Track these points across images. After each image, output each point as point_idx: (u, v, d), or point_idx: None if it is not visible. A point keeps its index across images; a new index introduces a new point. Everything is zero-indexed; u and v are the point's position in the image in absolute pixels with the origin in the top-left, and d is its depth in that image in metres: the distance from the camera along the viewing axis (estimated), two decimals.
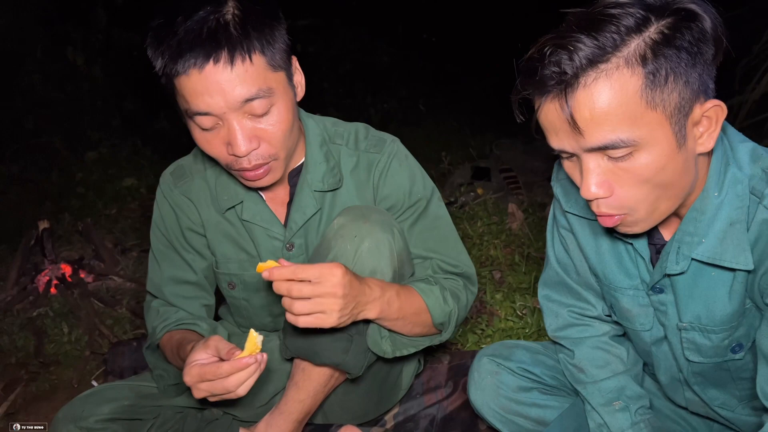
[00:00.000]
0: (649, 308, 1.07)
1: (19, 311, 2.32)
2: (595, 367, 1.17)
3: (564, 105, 0.82)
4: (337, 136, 1.31)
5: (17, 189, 3.77)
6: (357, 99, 5.06)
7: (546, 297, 1.26)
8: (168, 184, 1.34)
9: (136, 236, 2.93)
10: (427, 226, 1.32)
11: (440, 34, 5.91)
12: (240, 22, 1.04)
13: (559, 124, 0.85)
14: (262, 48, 1.05)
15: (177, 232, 1.34)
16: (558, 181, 1.15)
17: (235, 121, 1.07)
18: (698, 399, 1.12)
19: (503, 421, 1.24)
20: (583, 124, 0.82)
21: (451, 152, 3.57)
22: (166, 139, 4.19)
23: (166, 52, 1.04)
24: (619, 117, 0.81)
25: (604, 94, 0.81)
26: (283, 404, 1.32)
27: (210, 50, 1.02)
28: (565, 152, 0.89)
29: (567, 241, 1.18)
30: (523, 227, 2.55)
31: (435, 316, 1.25)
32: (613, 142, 0.83)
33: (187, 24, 1.03)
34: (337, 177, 1.28)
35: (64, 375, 1.96)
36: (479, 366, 1.27)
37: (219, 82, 1.03)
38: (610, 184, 0.88)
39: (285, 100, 1.11)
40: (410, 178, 1.31)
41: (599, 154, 0.86)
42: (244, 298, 1.38)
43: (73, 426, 1.18)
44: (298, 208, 1.28)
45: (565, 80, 0.81)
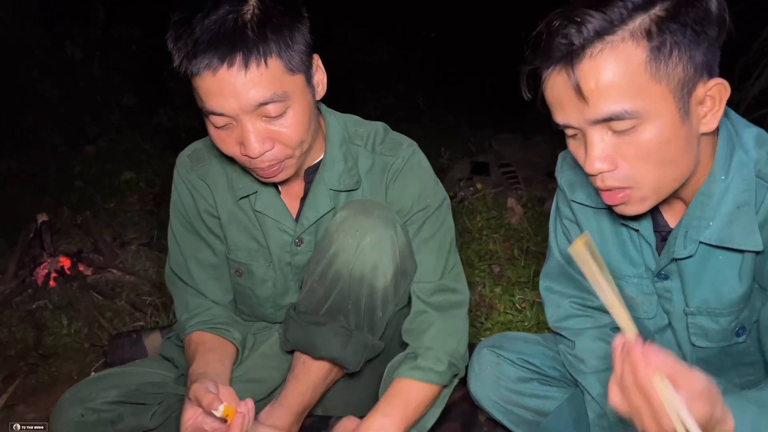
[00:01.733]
0: (653, 296, 1.08)
1: (18, 304, 2.32)
2: (596, 358, 1.18)
3: (570, 74, 0.84)
4: (356, 136, 1.30)
5: (16, 183, 3.77)
6: (356, 95, 5.06)
7: (547, 288, 1.26)
8: (185, 166, 1.33)
9: (135, 230, 2.92)
10: (431, 233, 1.31)
11: (439, 30, 5.92)
12: (258, 23, 1.02)
13: (565, 97, 0.87)
14: (279, 51, 1.03)
15: (195, 214, 1.34)
16: (562, 172, 1.15)
17: (248, 123, 1.06)
18: None
19: (503, 411, 1.25)
20: (589, 94, 0.84)
21: (450, 147, 3.58)
22: (165, 134, 4.19)
23: (183, 50, 1.03)
24: (624, 88, 0.83)
25: (610, 65, 0.83)
26: (284, 396, 1.32)
27: (225, 53, 1.00)
28: (570, 127, 0.90)
29: (570, 231, 1.18)
30: (522, 222, 2.56)
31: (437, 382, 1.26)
32: (618, 113, 0.84)
33: (205, 23, 1.01)
34: (354, 178, 1.27)
35: (63, 367, 1.96)
36: (479, 357, 1.28)
37: (233, 85, 1.02)
38: (614, 158, 0.89)
39: (301, 103, 1.10)
40: (422, 183, 1.29)
41: (603, 127, 0.87)
42: (249, 287, 1.38)
43: (79, 406, 1.19)
44: (312, 205, 1.27)
45: (573, 51, 0.83)
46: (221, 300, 1.38)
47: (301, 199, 1.30)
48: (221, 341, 1.31)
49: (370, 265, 1.16)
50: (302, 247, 1.31)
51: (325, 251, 1.19)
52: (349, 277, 1.18)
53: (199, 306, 1.36)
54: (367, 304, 1.21)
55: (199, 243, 1.36)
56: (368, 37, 5.85)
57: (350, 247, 1.16)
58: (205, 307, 1.36)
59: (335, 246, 1.17)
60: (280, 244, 1.31)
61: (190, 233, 1.36)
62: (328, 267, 1.19)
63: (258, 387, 1.39)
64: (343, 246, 1.16)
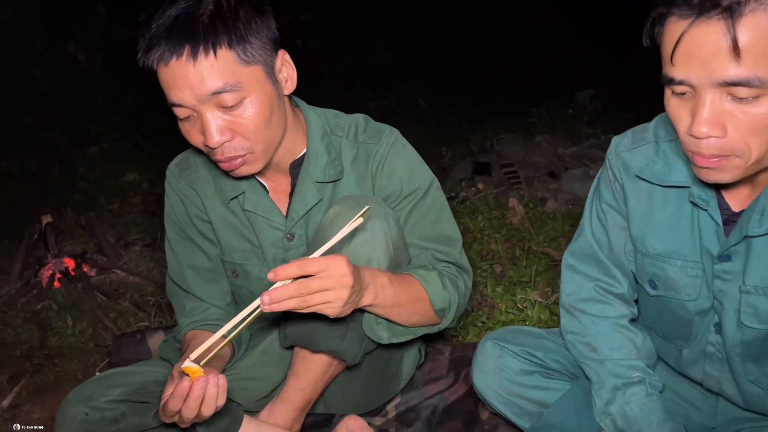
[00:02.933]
0: (698, 279, 1.09)
1: (23, 304, 2.34)
2: (610, 348, 1.19)
3: (730, 28, 0.81)
4: (338, 128, 1.33)
5: (19, 184, 3.78)
6: (357, 94, 5.07)
7: (571, 267, 1.26)
8: (174, 175, 1.37)
9: (138, 230, 2.94)
10: (424, 216, 1.34)
11: (440, 30, 5.92)
12: (210, 16, 1.06)
13: (699, 51, 0.83)
14: (230, 42, 1.06)
15: (187, 221, 1.37)
16: (617, 155, 1.15)
17: (207, 113, 1.09)
18: (717, 374, 1.13)
19: (505, 403, 1.26)
20: (747, 50, 0.81)
21: (452, 147, 3.59)
22: (167, 134, 4.18)
23: (142, 45, 1.08)
24: (764, 54, 0.81)
25: (760, 27, 0.80)
26: (285, 393, 1.34)
27: (173, 45, 1.04)
28: (685, 84, 0.87)
29: (607, 216, 1.19)
30: (524, 222, 2.57)
31: (435, 301, 1.26)
32: (749, 78, 0.82)
33: (161, 18, 1.06)
34: (338, 168, 1.30)
35: (68, 367, 1.98)
36: (483, 349, 1.29)
37: (185, 75, 1.06)
38: (724, 125, 0.87)
39: (260, 94, 1.12)
40: (408, 167, 1.32)
41: (724, 90, 0.85)
42: (246, 287, 1.39)
43: (83, 406, 1.20)
44: (300, 198, 1.30)
45: (735, 3, 0.80)
46: (219, 303, 1.41)
47: (289, 194, 1.32)
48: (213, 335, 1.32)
49: (364, 258, 1.18)
50: (294, 241, 1.33)
51: (319, 245, 1.20)
52: None
53: (195, 309, 1.39)
54: None
55: (194, 249, 1.39)
56: (369, 36, 5.85)
57: (344, 241, 1.17)
58: (201, 309, 1.38)
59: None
60: (273, 241, 1.33)
61: (184, 240, 1.39)
62: None
63: (259, 384, 1.41)
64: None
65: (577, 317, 1.24)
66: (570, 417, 1.20)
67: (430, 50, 5.78)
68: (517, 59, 5.31)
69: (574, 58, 4.93)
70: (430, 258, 1.33)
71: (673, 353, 1.21)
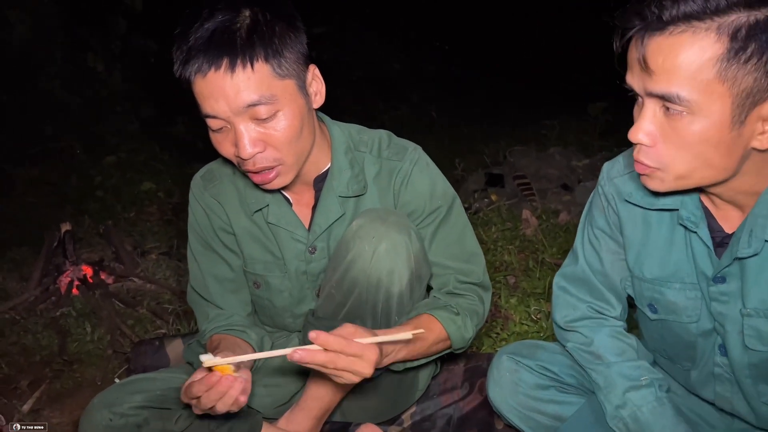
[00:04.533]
0: (697, 300, 1.09)
1: (42, 311, 2.38)
2: (613, 354, 1.20)
3: (639, 45, 0.86)
4: (361, 143, 1.35)
5: (37, 192, 3.84)
6: (369, 106, 5.11)
7: (563, 289, 1.28)
8: (199, 187, 1.39)
9: (154, 239, 2.98)
10: (448, 234, 1.36)
11: (452, 41, 5.96)
12: (247, 30, 1.08)
13: (635, 62, 0.90)
14: (266, 56, 1.09)
15: (211, 232, 1.40)
16: (609, 180, 1.16)
17: (241, 124, 1.12)
18: (728, 395, 1.13)
19: (521, 417, 1.27)
20: (654, 68, 0.86)
21: (465, 159, 3.61)
22: (183, 144, 4.26)
23: (179, 57, 1.10)
24: (686, 76, 0.85)
25: (684, 48, 0.84)
26: (303, 401, 1.36)
27: (212, 57, 1.07)
28: (633, 91, 0.93)
29: (600, 242, 1.20)
30: (537, 233, 2.58)
31: (455, 342, 1.32)
32: (672, 95, 0.86)
33: (199, 31, 1.08)
34: (361, 183, 1.32)
35: (87, 373, 2.00)
36: (499, 363, 1.30)
37: (222, 87, 1.08)
38: (656, 136, 0.91)
39: (292, 108, 1.14)
40: (431, 185, 1.34)
41: (658, 102, 0.89)
42: (268, 298, 1.42)
43: (107, 411, 1.22)
44: (322, 212, 1.32)
45: (656, 22, 0.85)
46: (240, 312, 1.44)
47: (312, 207, 1.35)
48: (239, 340, 1.35)
49: (386, 270, 1.20)
50: (316, 254, 1.35)
51: (341, 258, 1.23)
52: (366, 283, 1.21)
53: (218, 315, 1.41)
54: (383, 308, 1.24)
55: (216, 260, 1.41)
56: (381, 48, 5.90)
57: (367, 254, 1.20)
58: (224, 316, 1.41)
59: (352, 253, 1.21)
60: (295, 253, 1.35)
61: (207, 251, 1.42)
62: (345, 273, 1.23)
63: (278, 391, 1.44)
64: (360, 252, 1.20)
65: (574, 333, 1.26)
66: (585, 431, 1.21)
67: (442, 62, 5.82)
68: (529, 71, 5.33)
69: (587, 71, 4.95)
70: (454, 281, 1.35)
71: (681, 375, 1.22)
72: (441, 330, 1.30)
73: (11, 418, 1.80)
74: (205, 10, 1.10)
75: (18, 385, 1.96)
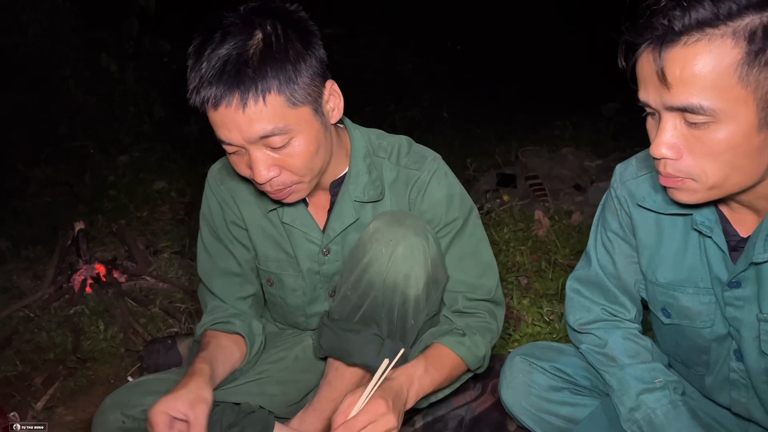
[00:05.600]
0: (711, 305, 1.08)
1: (56, 309, 2.39)
2: (627, 356, 1.19)
3: (657, 58, 0.84)
4: (380, 149, 1.34)
5: (52, 191, 3.88)
6: (380, 107, 5.11)
7: (577, 291, 1.27)
8: (215, 179, 1.39)
9: (167, 238, 2.99)
10: (462, 248, 1.35)
11: (464, 41, 5.94)
12: (260, 59, 1.05)
13: (650, 77, 0.87)
14: (279, 87, 1.06)
15: (223, 224, 1.39)
16: (622, 183, 1.15)
17: (255, 151, 1.11)
18: (744, 400, 1.12)
19: (534, 419, 1.26)
20: (672, 81, 0.84)
21: (476, 159, 3.60)
22: (196, 144, 4.28)
23: (192, 82, 1.08)
24: (707, 84, 0.83)
25: (701, 57, 0.82)
26: (317, 402, 1.36)
27: (224, 92, 1.05)
28: (649, 107, 0.90)
29: (614, 244, 1.19)
30: (550, 234, 2.57)
31: (470, 363, 1.32)
32: (693, 106, 0.84)
33: (211, 59, 1.06)
34: (378, 189, 1.31)
35: (100, 371, 2.02)
36: (511, 365, 1.29)
37: (234, 120, 1.07)
38: (680, 149, 0.89)
39: (307, 133, 1.13)
40: (448, 197, 1.32)
41: (678, 115, 0.87)
42: (280, 296, 1.42)
43: (119, 413, 1.23)
44: (338, 216, 1.31)
45: (668, 34, 0.83)
46: (241, 308, 1.42)
47: (328, 210, 1.34)
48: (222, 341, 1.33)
49: (403, 274, 1.19)
50: (329, 256, 1.35)
51: (358, 260, 1.23)
52: (383, 286, 1.21)
53: (216, 308, 1.40)
54: (399, 312, 1.24)
55: (225, 253, 1.41)
56: (392, 49, 5.90)
57: (383, 257, 1.19)
58: (221, 309, 1.40)
59: (368, 255, 1.21)
60: (308, 254, 1.35)
61: (217, 243, 1.41)
62: (361, 276, 1.22)
63: (291, 390, 1.43)
64: (377, 255, 1.20)
65: (588, 336, 1.25)
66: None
67: (453, 62, 5.80)
68: (541, 71, 5.31)
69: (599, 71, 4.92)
70: (462, 300, 1.34)
71: (695, 379, 1.21)
72: (452, 355, 1.29)
73: (25, 415, 1.82)
74: (218, 33, 1.07)
75: (32, 383, 1.97)
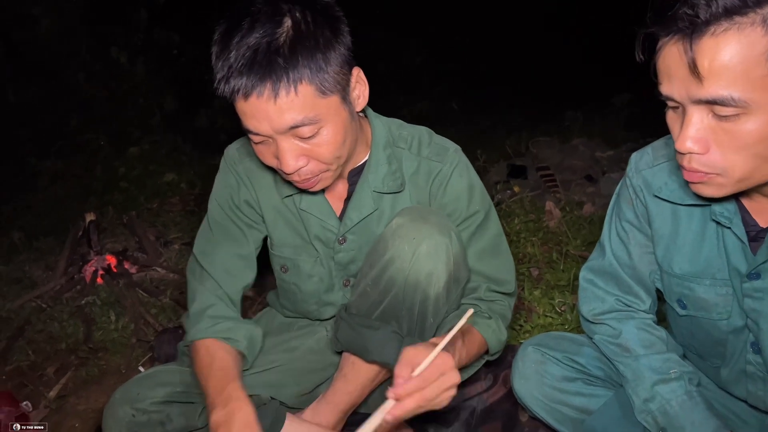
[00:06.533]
0: (728, 297, 1.06)
1: (68, 300, 2.41)
2: (642, 347, 1.17)
3: (687, 49, 0.81)
4: (400, 139, 1.32)
5: (63, 184, 3.90)
6: (390, 99, 5.09)
7: (590, 282, 1.25)
8: (234, 158, 1.35)
9: (177, 229, 3.00)
10: (482, 242, 1.34)
11: (472, 33, 5.91)
12: (290, 48, 1.03)
13: (675, 69, 0.84)
14: (310, 76, 1.04)
15: (238, 203, 1.34)
16: (638, 173, 1.13)
17: (283, 141, 1.09)
18: (761, 393, 1.11)
19: (547, 409, 1.24)
20: (702, 72, 0.81)
21: (486, 151, 3.57)
22: (205, 136, 4.28)
23: (219, 72, 1.06)
24: (738, 74, 0.80)
25: (731, 47, 0.79)
26: (331, 394, 1.35)
27: (255, 82, 1.02)
28: (672, 100, 0.88)
29: (629, 234, 1.17)
30: (561, 225, 2.55)
31: (492, 346, 1.32)
32: (724, 98, 0.81)
33: (240, 46, 1.03)
34: (398, 181, 1.29)
35: (112, 361, 2.03)
36: (524, 355, 1.28)
37: (265, 110, 1.05)
38: (707, 142, 0.87)
39: (336, 122, 1.11)
40: (469, 190, 1.31)
41: (706, 108, 0.85)
42: (295, 283, 1.40)
43: (129, 407, 1.22)
44: (355, 206, 1.29)
45: (696, 24, 0.80)
46: (233, 294, 1.34)
47: (345, 199, 1.32)
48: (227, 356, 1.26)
49: (425, 272, 1.17)
50: (345, 245, 1.33)
51: (380, 256, 1.21)
52: (404, 284, 1.19)
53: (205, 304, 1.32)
54: (419, 310, 1.22)
55: (235, 232, 1.36)
56: (401, 42, 5.87)
57: (406, 254, 1.17)
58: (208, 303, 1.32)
59: (390, 252, 1.18)
60: (324, 241, 1.34)
61: (228, 222, 1.36)
62: (382, 272, 1.21)
63: (304, 380, 1.42)
64: (399, 252, 1.17)
65: (602, 326, 1.23)
66: (613, 424, 1.18)
67: (462, 54, 5.77)
68: (551, 62, 5.27)
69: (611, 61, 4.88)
70: (485, 290, 1.34)
71: (711, 372, 1.19)
72: (479, 335, 1.29)
73: (38, 404, 1.83)
74: (245, 20, 1.04)
75: (44, 372, 1.99)
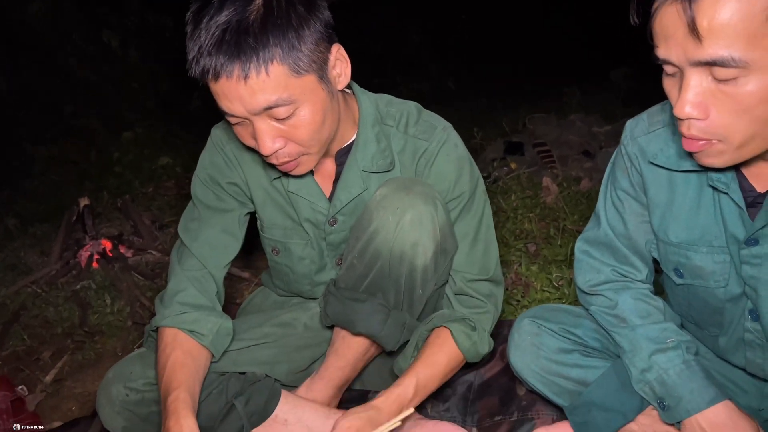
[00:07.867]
0: (725, 264, 1.05)
1: (63, 284, 2.40)
2: (639, 317, 1.16)
3: (687, 8, 0.78)
4: (388, 116, 1.28)
5: (58, 169, 3.89)
6: (387, 79, 5.04)
7: (586, 252, 1.23)
8: (221, 137, 1.31)
9: (172, 213, 2.99)
10: (466, 224, 1.30)
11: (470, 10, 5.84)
12: (261, 25, 0.99)
13: (673, 30, 0.81)
14: (282, 55, 1.00)
15: (222, 180, 1.32)
16: (633, 140, 1.11)
17: (259, 122, 1.06)
18: (760, 360, 1.09)
19: (544, 382, 1.23)
20: (701, 32, 0.78)
21: (483, 128, 3.54)
22: (200, 119, 4.24)
23: (190, 53, 1.03)
24: (738, 33, 0.77)
25: (731, 4, 0.76)
26: (324, 370, 1.34)
27: (224, 63, 0.99)
28: (669, 64, 0.85)
29: (624, 204, 1.16)
30: (558, 201, 2.53)
31: (469, 357, 1.30)
32: (724, 58, 0.78)
33: (210, 27, 0.99)
34: (388, 159, 1.26)
35: (108, 344, 2.02)
36: (520, 327, 1.26)
37: (236, 91, 1.01)
38: (707, 107, 0.84)
39: (313, 102, 1.07)
40: (457, 170, 1.27)
41: (704, 70, 0.82)
42: (287, 265, 1.39)
43: (122, 386, 1.22)
44: (344, 186, 1.27)
45: None
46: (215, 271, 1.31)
47: (334, 180, 1.30)
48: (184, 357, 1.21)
49: (410, 242, 1.16)
50: (336, 226, 1.31)
51: (364, 228, 1.19)
52: (389, 255, 1.17)
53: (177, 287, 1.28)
54: (407, 282, 1.20)
55: (215, 208, 1.32)
56: (399, 20, 5.81)
57: (390, 225, 1.15)
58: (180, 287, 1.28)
59: (375, 223, 1.17)
60: (314, 222, 1.32)
61: (209, 197, 1.32)
62: (367, 244, 1.19)
63: (298, 356, 1.41)
64: (383, 223, 1.16)
65: (598, 297, 1.22)
66: (610, 395, 1.17)
67: (460, 32, 5.72)
68: (548, 38, 5.22)
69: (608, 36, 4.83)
70: (463, 281, 1.31)
71: (709, 341, 1.18)
72: (453, 348, 1.27)
73: (34, 388, 1.83)
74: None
75: (40, 357, 1.99)
